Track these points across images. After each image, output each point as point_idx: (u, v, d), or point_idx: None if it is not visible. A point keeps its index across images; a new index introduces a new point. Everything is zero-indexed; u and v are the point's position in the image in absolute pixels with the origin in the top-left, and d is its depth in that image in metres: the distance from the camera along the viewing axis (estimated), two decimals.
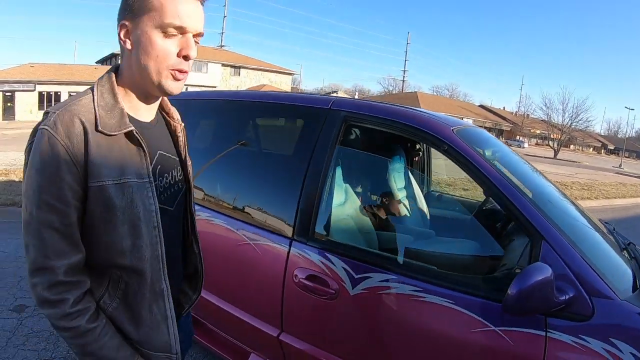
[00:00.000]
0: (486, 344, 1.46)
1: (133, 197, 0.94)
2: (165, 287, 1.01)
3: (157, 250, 0.99)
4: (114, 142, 0.93)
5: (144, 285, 0.98)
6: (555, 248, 1.45)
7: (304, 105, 2.14)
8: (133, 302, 0.98)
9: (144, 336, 1.00)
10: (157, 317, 1.01)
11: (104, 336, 0.94)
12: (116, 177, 0.92)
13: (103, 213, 0.92)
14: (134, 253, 0.95)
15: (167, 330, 1.02)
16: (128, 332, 0.99)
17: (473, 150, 1.71)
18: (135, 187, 0.95)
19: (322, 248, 1.79)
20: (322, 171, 1.85)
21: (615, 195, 12.60)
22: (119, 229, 0.93)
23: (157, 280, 1.00)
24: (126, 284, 0.98)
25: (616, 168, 32.79)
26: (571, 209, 2.08)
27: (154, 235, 0.98)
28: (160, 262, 1.00)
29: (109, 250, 0.94)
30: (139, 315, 0.99)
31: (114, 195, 0.92)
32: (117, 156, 0.93)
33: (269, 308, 1.94)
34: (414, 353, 1.61)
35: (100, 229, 0.93)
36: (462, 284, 1.55)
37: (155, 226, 0.98)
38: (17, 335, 2.72)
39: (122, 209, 0.93)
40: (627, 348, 1.34)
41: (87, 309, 0.92)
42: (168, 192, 1.08)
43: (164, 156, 1.08)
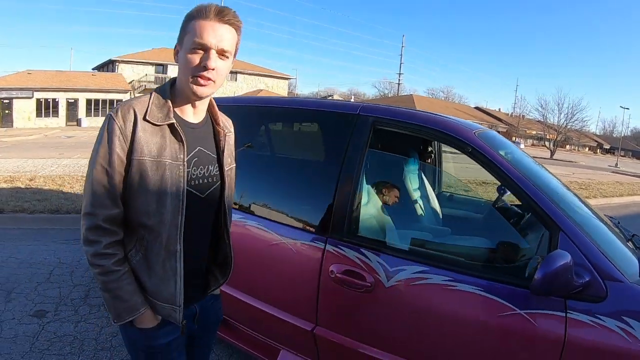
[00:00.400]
0: (513, 326, 1.63)
1: (164, 174, 1.19)
2: (178, 250, 1.22)
3: (177, 219, 1.21)
4: (158, 131, 1.20)
5: (160, 245, 1.21)
6: (572, 238, 1.63)
7: (333, 111, 2.29)
8: (151, 257, 1.22)
9: (154, 286, 1.23)
10: (168, 272, 1.22)
11: (123, 280, 1.19)
12: (154, 156, 1.19)
13: (139, 181, 1.18)
14: (156, 217, 1.20)
15: (174, 285, 1.23)
16: (144, 282, 1.23)
17: (494, 151, 1.89)
18: (169, 166, 1.20)
19: (357, 244, 1.95)
20: (355, 173, 2.01)
21: (613, 193, 12.80)
22: (148, 196, 1.19)
23: (173, 242, 1.22)
24: (147, 242, 1.22)
25: (612, 167, 33.03)
26: (580, 204, 2.26)
27: (176, 206, 1.21)
28: (177, 229, 1.22)
29: (138, 210, 1.20)
30: (154, 269, 1.22)
31: (149, 169, 1.18)
32: (158, 141, 1.20)
33: (303, 303, 2.09)
34: (447, 337, 1.77)
35: (135, 193, 1.19)
36: (488, 273, 1.73)
37: (180, 200, 1.21)
38: (40, 340, 2.74)
39: (154, 181, 1.19)
40: (638, 325, 1.51)
41: (115, 255, 1.18)
42: (201, 180, 1.30)
43: (203, 152, 1.31)
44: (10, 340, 2.71)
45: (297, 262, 2.11)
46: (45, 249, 4.46)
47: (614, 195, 12.54)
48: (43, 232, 5.05)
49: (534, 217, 1.83)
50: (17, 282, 3.60)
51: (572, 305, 1.57)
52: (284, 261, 2.16)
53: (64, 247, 4.58)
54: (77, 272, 3.93)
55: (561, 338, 1.56)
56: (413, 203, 2.78)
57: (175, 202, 1.20)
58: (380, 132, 2.14)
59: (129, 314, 1.21)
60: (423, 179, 3.14)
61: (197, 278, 1.39)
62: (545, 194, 1.75)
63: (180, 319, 1.26)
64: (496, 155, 1.86)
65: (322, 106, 2.38)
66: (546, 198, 1.73)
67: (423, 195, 3.04)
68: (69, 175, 8.12)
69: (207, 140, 1.34)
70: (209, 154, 1.33)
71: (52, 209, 5.53)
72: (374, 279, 1.87)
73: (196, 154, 1.28)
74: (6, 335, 2.77)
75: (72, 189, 6.94)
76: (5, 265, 3.94)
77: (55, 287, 3.57)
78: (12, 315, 3.02)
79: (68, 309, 3.20)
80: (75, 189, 6.96)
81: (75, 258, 4.27)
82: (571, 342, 1.55)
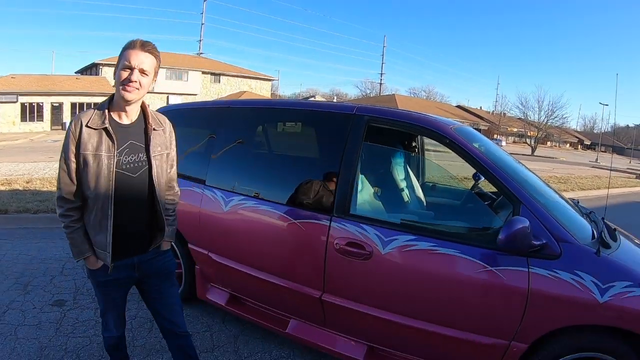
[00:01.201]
0: (485, 280, 2.01)
1: (100, 161, 1.74)
2: (109, 213, 1.77)
3: (108, 192, 1.75)
4: (97, 133, 1.75)
5: (98, 209, 1.77)
6: (531, 209, 2.03)
7: (334, 112, 2.68)
8: (93, 217, 1.79)
9: (95, 238, 1.80)
10: (103, 228, 1.78)
11: (76, 233, 1.80)
12: (93, 151, 1.73)
13: (83, 167, 1.74)
14: (94, 190, 1.75)
15: (105, 237, 1.78)
16: (90, 235, 1.81)
17: (468, 142, 2.28)
18: (104, 156, 1.74)
19: (357, 221, 2.32)
20: (353, 163, 2.40)
21: (590, 187, 13.42)
22: (89, 176, 1.74)
23: (106, 208, 1.76)
24: (90, 207, 1.78)
25: (593, 162, 34.06)
26: (543, 186, 2.66)
27: (107, 183, 1.75)
28: (109, 199, 1.76)
29: (84, 186, 1.76)
30: (94, 226, 1.80)
31: (89, 160, 1.73)
32: (96, 139, 1.74)
33: (311, 274, 2.44)
34: (433, 291, 2.15)
35: (82, 175, 1.75)
36: (466, 239, 2.12)
37: (110, 179, 1.75)
38: (64, 325, 2.93)
39: (93, 167, 1.73)
40: (588, 277, 1.90)
41: (71, 216, 1.79)
42: (132, 165, 1.82)
43: (134, 144, 1.83)
44: (35, 327, 2.90)
45: (306, 239, 2.46)
46: (54, 246, 4.65)
47: (591, 188, 13.15)
48: (48, 230, 5.22)
49: (501, 194, 2.22)
50: (32, 276, 3.79)
51: (533, 262, 1.95)
52: (294, 239, 2.51)
53: None
54: None
55: (525, 289, 1.94)
56: (400, 191, 3.13)
57: (107, 181, 1.75)
58: (373, 129, 2.49)
59: (79, 255, 1.82)
60: (408, 170, 3.49)
61: (136, 238, 1.89)
62: (509, 176, 2.15)
63: (110, 262, 1.80)
64: (469, 145, 2.27)
65: (324, 107, 2.77)
66: (510, 179, 2.13)
67: (409, 185, 3.39)
68: None
69: (138, 135, 1.85)
70: (139, 145, 1.84)
71: (55, 209, 5.73)
72: (372, 248, 2.23)
73: (128, 146, 1.81)
74: (30, 322, 2.96)
75: None
76: (18, 261, 4.12)
77: (70, 280, 3.76)
78: (33, 305, 3.22)
79: (86, 298, 3.39)
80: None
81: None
82: (534, 291, 1.94)
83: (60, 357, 2.58)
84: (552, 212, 2.06)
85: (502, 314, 2.00)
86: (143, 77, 1.74)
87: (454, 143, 2.27)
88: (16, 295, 3.38)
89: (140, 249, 1.91)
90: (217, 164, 2.95)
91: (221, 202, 2.78)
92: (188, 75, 39.61)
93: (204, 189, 2.90)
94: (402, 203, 3.12)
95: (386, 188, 2.97)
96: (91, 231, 1.80)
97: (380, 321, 2.24)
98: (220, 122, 3.04)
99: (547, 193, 2.55)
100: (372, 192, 2.78)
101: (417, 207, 3.28)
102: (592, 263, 1.93)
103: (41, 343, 2.71)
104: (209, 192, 2.87)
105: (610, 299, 1.87)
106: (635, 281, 1.91)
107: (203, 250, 2.93)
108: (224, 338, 2.91)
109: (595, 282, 1.89)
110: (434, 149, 3.36)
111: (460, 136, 2.32)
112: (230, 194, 2.77)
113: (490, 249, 2.02)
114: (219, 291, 3.02)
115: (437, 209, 3.34)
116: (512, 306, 1.97)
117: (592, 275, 1.90)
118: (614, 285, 1.88)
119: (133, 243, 1.88)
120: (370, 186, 2.80)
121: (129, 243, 1.85)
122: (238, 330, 3.02)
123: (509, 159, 2.70)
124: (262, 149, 3.05)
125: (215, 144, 3.00)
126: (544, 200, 2.21)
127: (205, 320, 3.13)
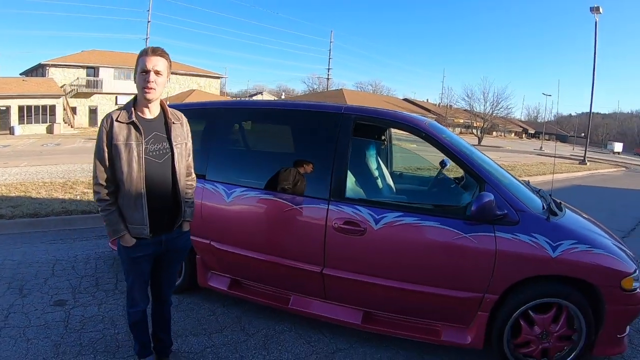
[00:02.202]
0: (462, 245, 2.48)
1: (130, 150, 2.07)
2: (142, 192, 2.10)
3: (140, 174, 2.09)
4: (126, 126, 2.08)
5: (132, 190, 2.09)
6: (494, 187, 2.53)
7: (324, 112, 3.09)
8: (128, 198, 2.10)
9: (131, 216, 2.12)
10: (138, 206, 2.11)
11: (112, 214, 2.12)
12: (124, 141, 2.06)
13: (116, 156, 2.06)
14: (127, 175, 2.07)
15: (142, 212, 2.12)
16: (125, 215, 2.13)
17: (439, 134, 2.77)
18: (134, 146, 2.07)
19: (352, 203, 2.72)
20: (345, 155, 2.81)
21: (536, 172, 14.67)
22: (122, 163, 2.06)
23: (139, 188, 2.09)
24: (125, 190, 2.09)
25: (537, 150, 36.45)
26: (500, 170, 3.18)
27: (139, 167, 2.08)
28: (141, 180, 2.09)
29: (117, 172, 2.08)
30: (130, 205, 2.12)
31: (121, 149, 2.06)
32: (126, 132, 2.07)
33: (313, 252, 2.80)
34: (421, 258, 2.59)
35: (115, 163, 2.07)
36: (443, 213, 2.59)
37: (140, 164, 2.08)
38: (72, 323, 2.99)
39: (125, 155, 2.06)
40: (542, 238, 2.40)
41: (107, 200, 2.10)
42: (157, 152, 2.16)
43: (158, 134, 2.17)
44: (42, 327, 2.93)
45: (307, 222, 2.82)
46: (37, 250, 4.59)
47: (537, 174, 14.35)
48: (26, 235, 5.15)
49: (468, 176, 2.72)
50: (24, 279, 3.74)
51: (498, 228, 2.44)
52: (297, 223, 2.87)
53: (54, 246, 4.74)
54: (78, 266, 4.14)
55: (493, 250, 2.43)
56: (384, 176, 3.64)
57: (138, 165, 2.09)
58: (361, 126, 2.91)
59: (115, 234, 2.14)
60: (379, 162, 3.94)
61: (163, 216, 2.21)
62: (475, 161, 2.65)
63: (148, 234, 2.14)
64: (441, 137, 2.76)
65: (317, 107, 3.20)
66: (476, 163, 2.63)
67: (390, 171, 3.90)
68: (29, 182, 8.05)
69: (160, 127, 2.19)
70: (162, 135, 2.19)
71: (30, 213, 5.67)
72: (366, 225, 2.64)
73: (152, 136, 2.15)
74: (36, 323, 2.98)
75: (40, 194, 6.96)
76: (4, 267, 4.04)
77: (64, 280, 3.76)
78: (34, 307, 3.22)
79: (85, 296, 3.45)
80: (43, 194, 6.99)
81: (70, 254, 4.46)
82: (500, 251, 2.43)
83: (77, 351, 2.66)
84: (510, 189, 2.57)
85: (476, 272, 2.47)
86: (158, 77, 2.08)
87: (429, 136, 2.74)
88: (14, 299, 3.36)
89: (167, 227, 2.25)
90: (219, 160, 3.23)
91: (223, 194, 3.06)
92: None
93: (205, 183, 3.16)
94: (387, 186, 3.57)
95: (372, 174, 3.39)
96: (128, 211, 2.13)
97: (376, 287, 2.64)
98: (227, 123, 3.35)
99: (504, 174, 3.06)
100: (362, 178, 3.17)
101: (400, 188, 3.77)
102: (544, 227, 2.43)
103: (54, 341, 2.76)
104: (210, 186, 3.14)
105: (560, 254, 2.37)
106: (579, 240, 2.45)
107: (204, 240, 3.18)
108: (229, 320, 3.19)
109: (548, 241, 2.39)
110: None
111: (433, 130, 2.80)
112: (231, 186, 3.06)
113: (462, 219, 2.48)
114: (220, 277, 3.29)
115: (417, 190, 3.85)
116: (483, 264, 2.43)
117: (544, 236, 2.39)
118: (563, 243, 2.39)
119: (161, 221, 2.21)
120: (360, 173, 3.20)
121: (158, 220, 2.19)
122: (240, 312, 3.31)
123: (471, 148, 3.19)
124: (263, 145, 3.41)
125: (218, 143, 3.29)
126: (503, 180, 2.71)
127: (207, 306, 3.38)
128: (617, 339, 2.57)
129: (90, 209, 6.10)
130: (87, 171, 10.46)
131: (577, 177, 17.33)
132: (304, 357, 2.74)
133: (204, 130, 3.27)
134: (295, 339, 2.95)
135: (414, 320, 2.71)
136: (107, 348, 2.73)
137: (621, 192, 13.40)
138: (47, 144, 21.92)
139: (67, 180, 8.51)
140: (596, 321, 2.49)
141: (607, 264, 2.43)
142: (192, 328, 3.03)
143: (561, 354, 2.55)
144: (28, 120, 30.26)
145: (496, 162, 3.36)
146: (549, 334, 2.48)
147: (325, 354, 2.79)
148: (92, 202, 6.60)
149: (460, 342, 2.59)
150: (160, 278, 2.38)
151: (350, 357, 2.77)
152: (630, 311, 2.52)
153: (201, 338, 2.91)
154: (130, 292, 2.30)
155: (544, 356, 2.54)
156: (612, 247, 2.57)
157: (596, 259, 2.42)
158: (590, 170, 20.57)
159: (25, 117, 30.36)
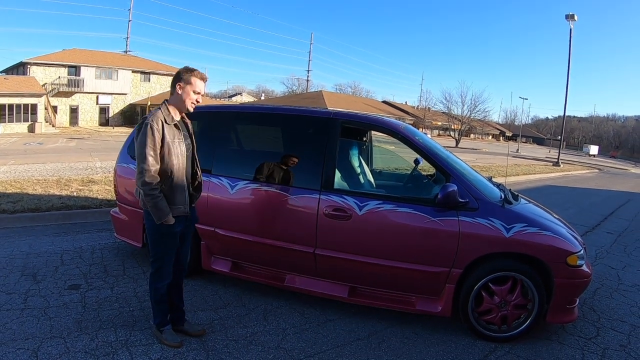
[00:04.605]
0: (431, 227, 2.99)
1: (178, 146, 2.61)
2: (185, 180, 2.67)
3: (183, 164, 2.64)
4: (171, 127, 2.59)
5: (179, 177, 2.61)
6: (457, 180, 3.04)
7: (316, 116, 3.60)
8: (176, 184, 2.61)
9: (176, 198, 2.60)
10: (182, 190, 2.65)
11: (160, 201, 2.53)
12: (172, 139, 2.58)
13: (166, 151, 2.55)
14: (175, 166, 2.58)
15: (185, 195, 2.67)
16: (170, 198, 2.58)
17: (413, 136, 3.29)
18: (178, 142, 2.61)
19: (340, 193, 3.21)
20: (334, 153, 3.31)
21: (510, 174, 15.41)
22: (172, 157, 2.57)
23: (182, 177, 2.64)
24: (171, 178, 2.57)
25: (514, 152, 37.60)
26: (466, 166, 3.70)
27: (183, 158, 2.63)
28: (185, 169, 2.65)
29: (167, 164, 2.56)
30: (176, 189, 2.62)
31: (171, 145, 2.56)
32: (172, 131, 2.59)
33: (306, 235, 3.26)
34: (397, 238, 3.08)
35: (165, 157, 2.55)
36: (416, 201, 3.10)
37: (185, 156, 2.65)
38: (89, 303, 3.27)
39: (174, 150, 2.58)
40: (497, 221, 2.92)
41: (157, 189, 2.51)
42: (187, 146, 2.69)
43: (185, 133, 2.71)
44: (61, 307, 3.21)
45: (302, 209, 3.28)
46: (43, 242, 4.85)
47: (510, 175, 15.10)
48: (30, 229, 5.40)
49: (437, 172, 3.22)
50: (35, 268, 3.99)
51: (461, 214, 2.96)
52: (292, 210, 3.32)
53: (58, 239, 5.01)
54: (85, 255, 4.43)
55: (457, 231, 2.94)
56: (365, 171, 4.10)
57: (183, 157, 2.63)
58: (346, 129, 3.40)
59: (164, 216, 2.54)
60: (361, 160, 4.42)
61: (189, 195, 2.71)
62: (442, 159, 3.19)
63: (188, 210, 2.69)
64: (415, 138, 3.29)
65: (310, 113, 3.72)
66: (442, 160, 3.17)
67: (371, 168, 4.35)
68: (23, 180, 8.23)
69: (183, 127, 2.72)
70: (186, 133, 2.72)
71: (31, 208, 5.94)
72: (351, 211, 3.13)
73: (183, 134, 2.67)
74: (55, 304, 3.26)
75: (36, 191, 7.18)
76: (15, 257, 4.28)
77: (74, 268, 4.03)
78: (50, 291, 3.49)
79: (97, 281, 3.76)
80: (39, 190, 7.20)
81: (76, 245, 4.75)
82: (463, 233, 2.94)
83: (98, 326, 2.96)
84: (471, 182, 3.10)
85: (443, 249, 2.98)
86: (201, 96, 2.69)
87: (404, 138, 3.27)
88: (29, 285, 3.60)
89: (189, 204, 2.75)
90: (225, 157, 3.67)
91: (227, 187, 3.49)
92: (118, 74, 38.24)
93: (210, 177, 3.57)
94: (368, 180, 4.05)
95: (356, 170, 3.88)
96: (174, 194, 2.61)
97: (359, 264, 3.12)
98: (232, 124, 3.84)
99: (469, 171, 3.59)
100: (348, 172, 3.65)
101: (380, 183, 4.27)
102: (499, 212, 2.95)
103: (74, 319, 3.04)
104: (215, 180, 3.56)
105: (513, 235, 2.89)
106: (530, 223, 2.97)
107: (209, 227, 3.60)
108: (231, 297, 3.61)
109: (502, 224, 2.90)
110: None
111: (407, 132, 3.33)
112: (235, 179, 3.50)
113: (431, 206, 3.00)
114: (223, 261, 3.71)
115: (395, 184, 4.37)
116: (449, 243, 2.95)
117: (500, 220, 2.91)
118: (515, 226, 2.91)
119: (188, 200, 2.72)
120: (346, 168, 3.67)
121: (189, 200, 2.72)
122: (240, 291, 3.73)
123: (440, 148, 3.72)
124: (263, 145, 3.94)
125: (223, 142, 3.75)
126: (466, 175, 3.24)
127: (211, 287, 3.79)
128: (567, 309, 3.06)
129: (89, 204, 6.40)
130: (77, 169, 10.69)
131: (550, 177, 18.22)
132: (299, 326, 3.19)
133: (210, 130, 3.72)
134: (290, 312, 3.40)
135: (393, 293, 3.20)
136: (125, 323, 3.06)
137: (591, 191, 14.22)
138: (30, 142, 21.70)
139: (60, 178, 8.72)
140: (547, 292, 2.97)
141: (554, 243, 2.94)
142: (200, 305, 3.44)
143: (518, 321, 3.04)
144: (9, 119, 29.76)
145: (464, 162, 3.88)
146: (506, 303, 2.98)
147: (317, 324, 3.24)
148: (90, 197, 6.91)
149: (432, 310, 3.08)
150: (181, 249, 2.83)
151: (339, 326, 3.22)
152: (576, 284, 3.02)
153: (208, 313, 3.32)
154: (159, 270, 2.72)
155: (504, 323, 3.03)
156: (561, 230, 3.10)
157: (544, 239, 2.93)
158: (563, 172, 21.56)
159: (7, 116, 29.84)
